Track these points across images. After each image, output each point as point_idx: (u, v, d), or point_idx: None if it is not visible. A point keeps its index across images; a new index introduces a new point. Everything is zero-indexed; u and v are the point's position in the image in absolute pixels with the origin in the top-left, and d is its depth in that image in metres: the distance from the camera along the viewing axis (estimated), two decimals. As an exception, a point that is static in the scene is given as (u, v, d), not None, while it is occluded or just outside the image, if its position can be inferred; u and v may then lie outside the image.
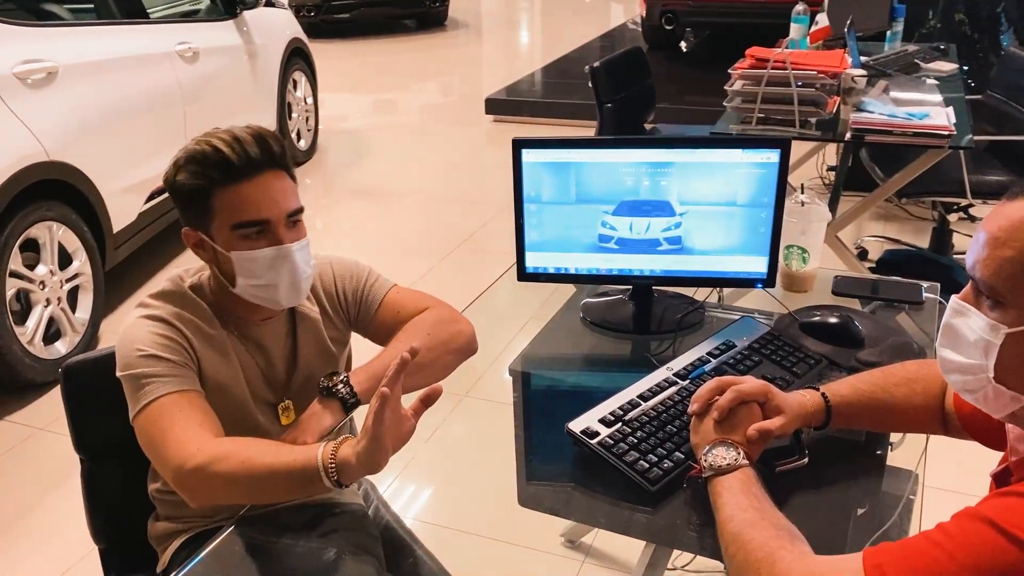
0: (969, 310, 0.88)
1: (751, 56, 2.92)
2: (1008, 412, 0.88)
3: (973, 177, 3.07)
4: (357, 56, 8.97)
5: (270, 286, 1.28)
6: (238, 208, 1.24)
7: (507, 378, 1.55)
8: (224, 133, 1.26)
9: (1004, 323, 0.84)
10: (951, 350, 0.91)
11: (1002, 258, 0.83)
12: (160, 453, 1.19)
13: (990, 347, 0.85)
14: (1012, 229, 0.83)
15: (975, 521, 0.79)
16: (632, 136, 3.25)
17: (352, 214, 4.68)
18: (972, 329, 0.87)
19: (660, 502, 1.15)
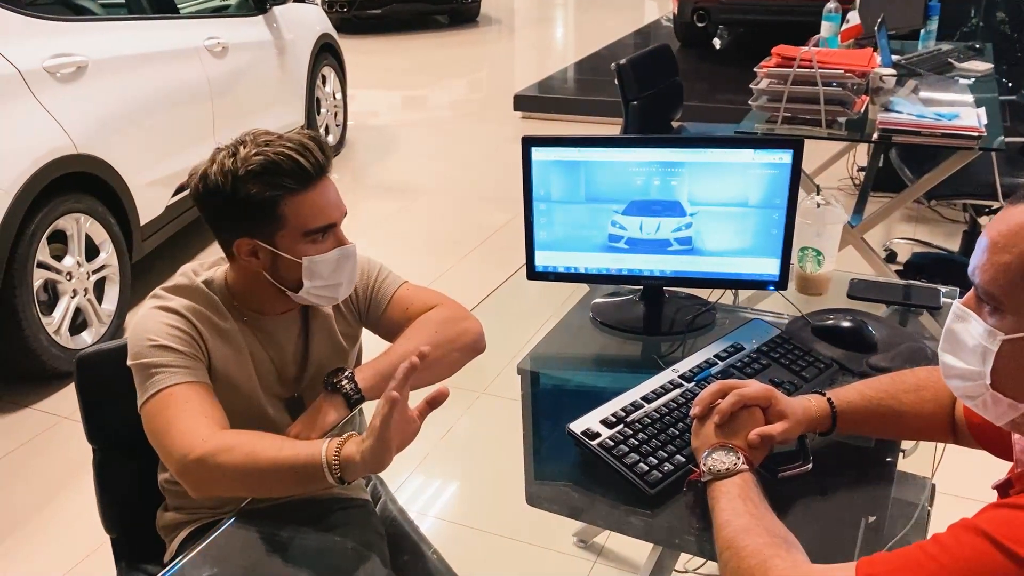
0: (970, 315, 0.86)
1: (777, 54, 2.89)
2: (1008, 420, 0.86)
3: (1006, 179, 3.01)
4: (388, 52, 9.00)
5: (334, 285, 1.33)
6: (310, 215, 1.27)
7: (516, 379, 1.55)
8: (287, 141, 1.26)
9: (1001, 330, 0.82)
10: (951, 355, 0.90)
11: (1000, 264, 0.81)
12: (165, 442, 1.20)
13: (987, 353, 0.84)
14: (1011, 235, 0.81)
15: (972, 534, 0.77)
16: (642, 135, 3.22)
17: (378, 210, 4.71)
18: (971, 335, 0.86)
19: (660, 505, 1.14)
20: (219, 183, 1.24)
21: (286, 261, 1.28)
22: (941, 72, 3.40)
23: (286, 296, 1.34)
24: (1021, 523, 0.75)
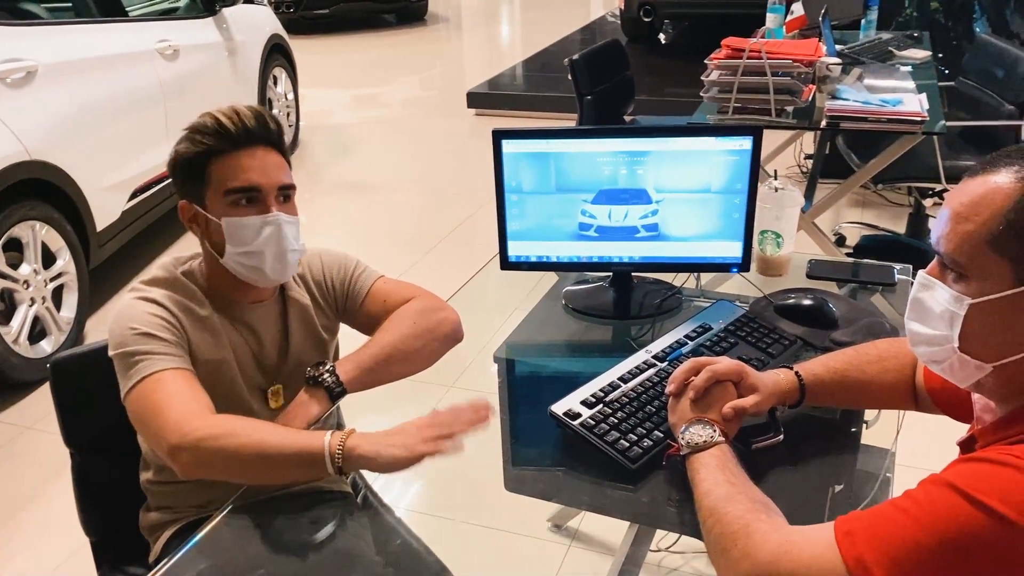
0: (935, 283, 0.91)
1: (727, 46, 2.95)
2: (973, 381, 0.91)
3: (947, 162, 3.12)
4: (337, 52, 8.95)
5: (256, 254, 1.32)
6: (231, 175, 1.30)
7: (493, 368, 1.58)
8: (226, 108, 1.33)
9: (967, 295, 0.87)
10: (918, 323, 0.95)
11: (964, 232, 0.86)
12: (157, 423, 1.20)
13: (955, 318, 0.89)
14: (973, 204, 0.86)
15: (940, 487, 0.81)
16: (609, 126, 3.29)
17: (336, 208, 4.70)
18: (938, 301, 0.91)
19: (640, 481, 1.18)
20: (174, 149, 1.34)
21: (212, 223, 1.32)
22: (882, 60, 3.52)
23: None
24: (986, 474, 0.80)
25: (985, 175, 0.86)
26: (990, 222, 0.84)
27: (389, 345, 1.39)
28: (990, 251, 0.84)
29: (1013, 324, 0.85)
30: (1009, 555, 0.76)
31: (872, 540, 0.83)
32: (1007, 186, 0.84)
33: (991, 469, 0.80)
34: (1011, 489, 0.77)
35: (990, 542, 0.76)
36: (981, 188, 0.86)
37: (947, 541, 0.78)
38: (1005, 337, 0.86)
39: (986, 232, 0.84)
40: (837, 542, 0.85)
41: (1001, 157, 0.87)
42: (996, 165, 0.86)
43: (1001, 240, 0.84)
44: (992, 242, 0.84)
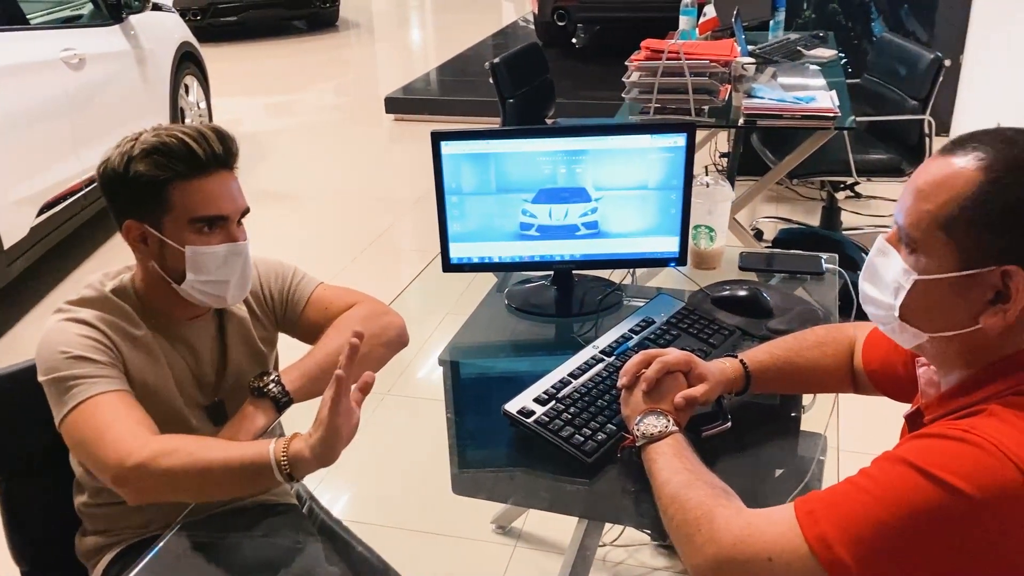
0: (890, 251, 0.95)
1: (646, 48, 3.01)
2: (914, 345, 0.96)
3: (857, 156, 3.26)
4: (248, 59, 8.76)
5: (221, 282, 1.29)
6: (197, 202, 1.25)
7: (427, 375, 1.57)
8: (186, 128, 1.27)
9: (915, 269, 0.91)
10: (870, 284, 0.99)
11: (923, 210, 0.90)
12: (97, 450, 1.16)
13: (900, 289, 0.93)
14: (935, 185, 0.89)
15: (896, 463, 0.85)
16: (549, 126, 3.32)
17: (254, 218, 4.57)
18: (889, 269, 0.95)
19: (596, 474, 1.19)
20: (115, 164, 1.25)
21: (171, 249, 1.27)
22: (793, 59, 3.64)
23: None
24: (940, 449, 0.83)
25: (952, 156, 0.89)
26: (947, 206, 0.87)
27: (334, 352, 1.37)
28: (942, 233, 0.88)
29: (950, 305, 0.90)
30: (965, 527, 0.79)
31: (833, 518, 0.85)
32: (968, 172, 0.86)
33: (944, 444, 0.83)
34: (965, 463, 0.80)
35: (947, 515, 0.79)
36: (946, 170, 0.88)
37: (905, 516, 0.81)
38: (943, 316, 0.91)
39: (941, 215, 0.88)
40: (798, 521, 0.87)
41: (970, 140, 0.89)
42: (964, 147, 0.88)
43: (953, 224, 0.87)
44: (945, 225, 0.87)
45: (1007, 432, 0.81)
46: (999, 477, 0.79)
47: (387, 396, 1.51)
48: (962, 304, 0.89)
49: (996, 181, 0.85)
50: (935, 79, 3.20)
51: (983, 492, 0.78)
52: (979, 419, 0.85)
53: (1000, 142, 0.87)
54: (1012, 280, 0.85)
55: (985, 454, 0.80)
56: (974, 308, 0.88)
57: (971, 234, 0.87)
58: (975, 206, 0.86)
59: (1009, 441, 0.80)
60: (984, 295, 0.87)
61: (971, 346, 0.91)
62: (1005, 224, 0.85)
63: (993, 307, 0.87)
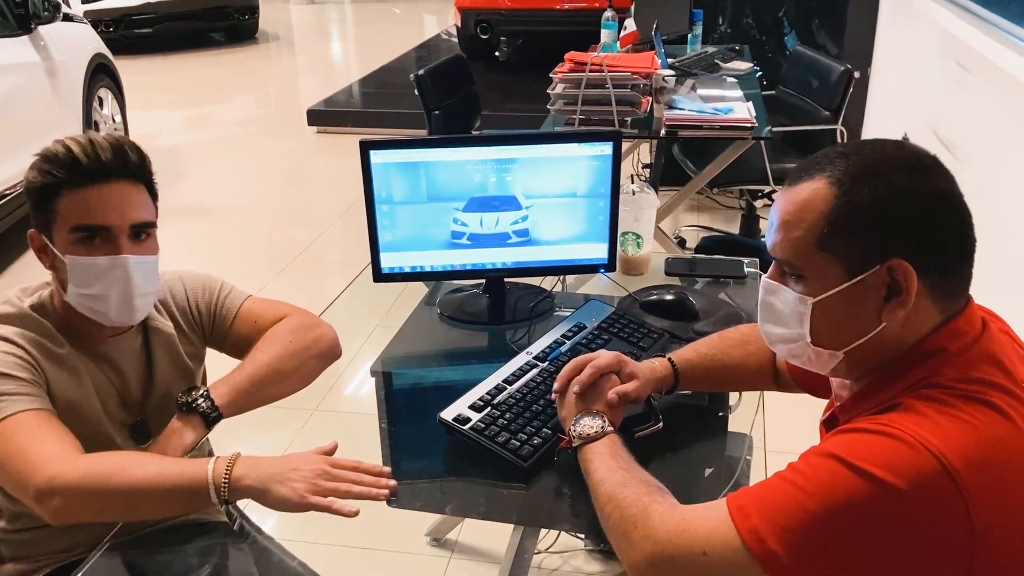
0: (778, 287, 0.99)
1: (570, 60, 3.06)
2: (830, 368, 1.00)
3: (774, 165, 3.36)
4: (165, 71, 8.55)
5: (100, 297, 1.24)
6: (80, 211, 1.21)
7: (358, 388, 1.56)
8: (82, 136, 1.23)
9: (809, 294, 0.95)
10: (772, 324, 1.02)
11: (794, 239, 0.94)
12: (19, 469, 1.12)
13: (802, 316, 0.97)
14: (797, 211, 0.94)
15: (822, 457, 0.88)
16: (479, 135, 3.33)
17: (173, 234, 4.46)
18: (784, 303, 0.99)
19: (532, 479, 1.20)
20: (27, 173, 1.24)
21: (59, 259, 1.23)
22: (711, 72, 3.74)
23: None
24: (864, 442, 0.87)
25: (803, 182, 0.94)
26: (815, 226, 0.92)
27: (265, 365, 1.35)
28: (820, 252, 0.92)
29: (852, 314, 0.94)
30: (891, 517, 0.83)
31: (764, 512, 0.88)
32: (823, 191, 0.92)
33: (868, 438, 0.87)
34: (886, 454, 0.84)
35: (873, 506, 0.83)
36: (802, 195, 0.94)
37: (834, 508, 0.84)
38: (849, 326, 0.95)
39: (813, 236, 0.92)
40: (731, 516, 0.90)
41: (812, 165, 0.95)
42: (811, 171, 0.94)
43: (827, 241, 0.92)
44: (820, 244, 0.92)
45: (924, 424, 0.85)
46: (921, 468, 0.82)
47: (317, 412, 1.50)
48: (862, 310, 0.93)
49: (848, 190, 0.91)
50: (846, 90, 3.34)
51: (906, 482, 0.82)
52: (895, 413, 0.88)
53: (837, 158, 0.93)
54: (897, 272, 0.90)
55: (906, 446, 0.84)
56: (874, 310, 0.92)
57: (845, 244, 0.92)
58: (839, 218, 0.91)
59: (927, 432, 0.84)
60: (879, 294, 0.92)
61: (880, 348, 0.94)
62: (870, 224, 0.90)
63: (889, 303, 0.92)
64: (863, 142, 0.96)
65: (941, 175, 0.92)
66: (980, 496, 0.82)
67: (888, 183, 0.90)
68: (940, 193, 0.91)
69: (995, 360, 0.91)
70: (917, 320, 0.93)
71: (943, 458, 0.82)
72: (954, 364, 0.90)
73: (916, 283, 0.90)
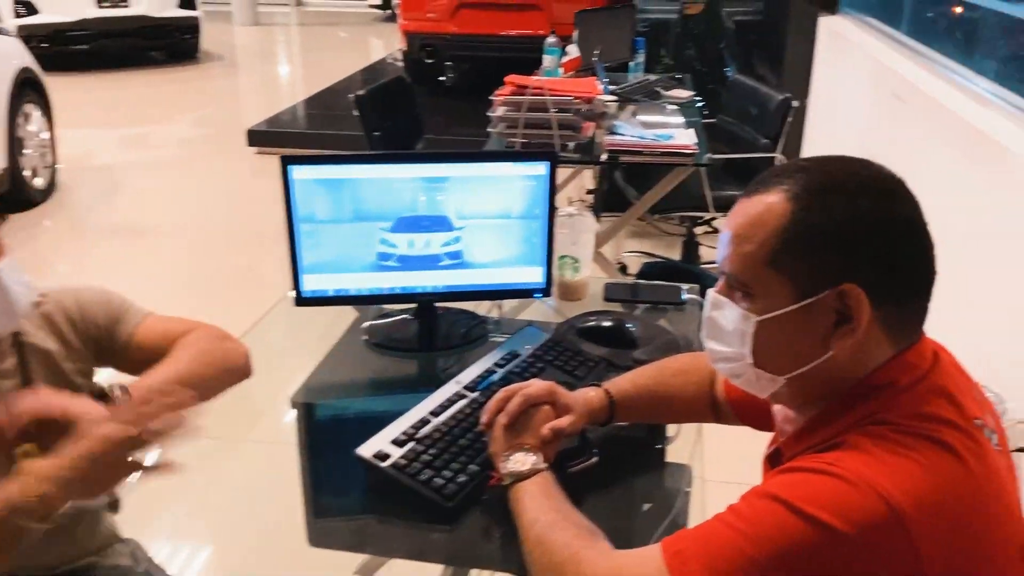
0: (725, 303, 0.93)
1: (511, 83, 3.02)
2: (770, 392, 0.94)
3: (714, 192, 3.37)
4: (101, 90, 8.33)
5: None
6: None
7: (280, 418, 1.47)
8: None
9: (754, 312, 0.90)
10: (715, 341, 0.97)
11: (745, 253, 0.89)
12: None
13: (745, 335, 0.91)
14: (749, 225, 0.89)
15: (763, 499, 0.82)
16: (406, 151, 3.26)
17: (104, 255, 4.32)
18: (729, 320, 0.93)
19: (459, 518, 1.13)
20: None
21: None
22: (652, 99, 3.75)
23: None
24: (806, 484, 0.81)
25: (759, 195, 0.89)
26: (767, 242, 0.87)
27: (175, 374, 1.25)
28: (770, 270, 0.87)
29: (799, 338, 0.89)
30: (835, 563, 0.77)
31: (702, 558, 0.82)
32: (778, 206, 0.87)
33: (810, 478, 0.81)
34: (832, 497, 0.78)
35: (816, 551, 0.77)
36: (756, 208, 0.89)
37: (775, 553, 0.78)
38: (793, 351, 0.89)
39: (764, 252, 0.87)
40: (666, 563, 0.84)
41: (771, 177, 0.90)
42: (768, 185, 0.89)
43: (778, 258, 0.87)
44: (771, 261, 0.87)
45: (871, 464, 0.80)
46: (867, 511, 0.77)
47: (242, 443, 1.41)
48: (809, 335, 0.88)
49: (806, 207, 0.86)
50: (784, 119, 3.36)
51: (851, 526, 0.77)
52: (842, 452, 0.83)
53: (797, 172, 0.89)
54: (848, 298, 0.85)
55: (852, 487, 0.78)
56: (822, 336, 0.87)
57: (797, 263, 0.86)
58: (793, 235, 0.86)
59: (874, 473, 0.79)
60: (828, 320, 0.87)
61: (826, 378, 0.89)
62: (825, 245, 0.85)
63: (839, 329, 0.86)
64: (828, 158, 0.91)
65: (906, 200, 0.88)
66: (930, 542, 0.77)
67: (848, 203, 0.85)
68: (903, 219, 0.87)
69: (947, 395, 0.86)
70: (868, 351, 0.88)
71: (892, 501, 0.77)
72: (904, 399, 0.85)
73: (869, 312, 0.85)
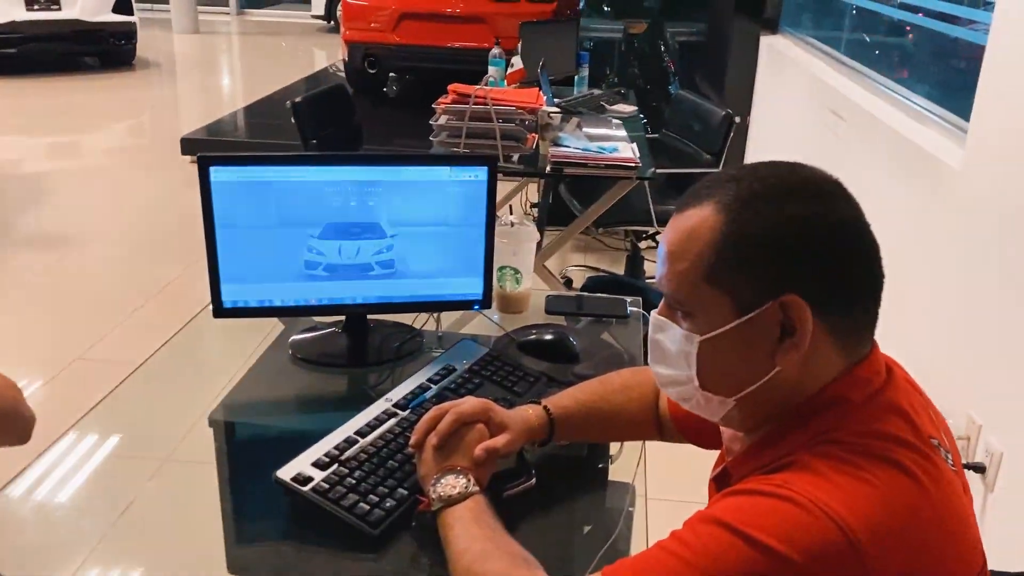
0: (667, 324, 0.88)
1: (453, 91, 2.96)
2: (721, 415, 0.89)
3: (658, 207, 3.35)
4: (29, 95, 8.03)
5: None
6: None
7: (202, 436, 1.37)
8: None
9: (696, 331, 0.84)
10: (661, 365, 0.91)
11: (679, 271, 0.84)
12: None
13: (689, 356, 0.86)
14: (682, 242, 0.84)
15: (708, 524, 0.76)
16: (335, 153, 3.15)
17: (27, 265, 4.11)
18: (672, 341, 0.88)
19: (385, 546, 1.05)
20: None
21: None
22: (597, 112, 3.73)
23: None
24: (755, 508, 0.75)
25: (690, 209, 0.84)
26: (701, 257, 0.82)
27: None
28: (707, 286, 0.82)
29: (743, 356, 0.83)
30: None
31: None
32: (711, 218, 0.82)
33: (758, 501, 0.76)
34: (782, 522, 0.73)
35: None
36: (689, 222, 0.84)
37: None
38: (739, 369, 0.84)
39: (700, 268, 0.82)
40: None
41: (701, 189, 0.85)
42: (699, 197, 0.84)
43: (714, 273, 0.82)
44: (707, 277, 0.82)
45: (823, 486, 0.74)
46: (819, 536, 0.71)
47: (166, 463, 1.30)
48: (754, 351, 0.83)
49: (737, 218, 0.81)
50: (727, 134, 3.36)
51: (802, 554, 0.71)
52: (792, 472, 0.77)
53: (727, 182, 0.84)
54: (790, 310, 0.80)
55: (803, 511, 0.72)
56: (767, 352, 0.82)
57: (734, 277, 0.81)
58: (726, 248, 0.81)
59: (826, 496, 0.73)
60: (771, 334, 0.81)
61: (776, 397, 0.84)
62: (760, 256, 0.80)
63: (783, 343, 0.81)
64: (757, 164, 0.86)
65: (843, 201, 0.83)
66: (885, 569, 0.71)
67: (780, 209, 0.80)
68: (841, 222, 0.81)
69: (901, 412, 0.81)
70: (816, 365, 0.82)
71: (844, 525, 0.71)
72: (857, 416, 0.80)
73: (811, 322, 0.79)
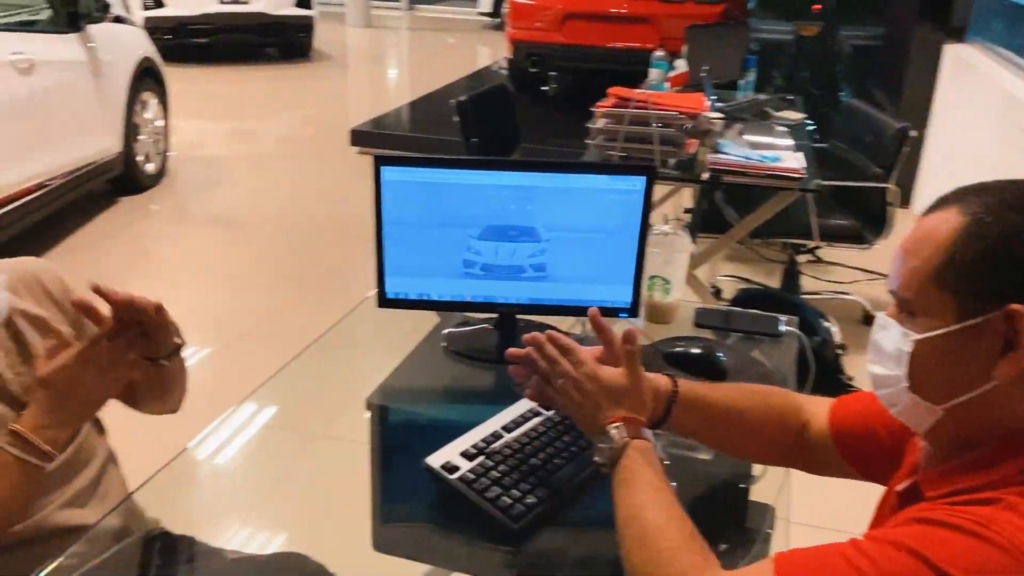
0: (889, 323, 0.89)
1: (613, 95, 2.96)
2: (928, 425, 0.87)
3: (820, 221, 3.22)
4: (216, 82, 8.65)
5: None
6: None
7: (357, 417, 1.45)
8: None
9: (914, 331, 0.85)
10: (877, 364, 0.91)
11: (910, 268, 0.85)
12: None
13: (903, 356, 0.86)
14: (918, 241, 0.85)
15: (899, 550, 0.74)
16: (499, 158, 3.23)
17: (204, 243, 4.44)
18: (890, 340, 0.88)
19: (523, 541, 1.08)
20: None
21: None
22: (761, 119, 3.62)
23: None
24: (950, 542, 0.73)
25: (936, 211, 0.85)
26: (933, 257, 0.82)
27: None
28: (934, 287, 0.82)
29: (959, 363, 0.82)
30: None
31: None
32: (952, 220, 0.82)
33: (956, 537, 0.73)
34: (980, 563, 0.70)
35: None
36: (929, 224, 0.85)
37: None
38: (951, 375, 0.83)
39: (930, 268, 0.83)
40: None
41: (953, 194, 0.85)
42: (948, 201, 0.85)
43: (944, 275, 0.82)
44: (936, 277, 0.82)
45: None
46: None
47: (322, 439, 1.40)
48: (970, 360, 0.81)
49: (979, 222, 0.80)
50: (900, 148, 3.18)
51: None
52: (996, 511, 0.74)
53: (979, 190, 0.84)
54: (1016, 321, 0.78)
55: (1005, 556, 0.70)
56: (984, 363, 0.80)
57: (964, 282, 0.81)
58: (962, 251, 0.80)
59: None
60: (993, 345, 0.80)
61: (987, 416, 0.82)
62: (996, 264, 0.79)
63: (1004, 357, 0.79)
64: (1014, 180, 0.85)
65: None
66: None
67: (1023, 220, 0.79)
68: None
69: None
70: None
71: None
72: None
73: None
